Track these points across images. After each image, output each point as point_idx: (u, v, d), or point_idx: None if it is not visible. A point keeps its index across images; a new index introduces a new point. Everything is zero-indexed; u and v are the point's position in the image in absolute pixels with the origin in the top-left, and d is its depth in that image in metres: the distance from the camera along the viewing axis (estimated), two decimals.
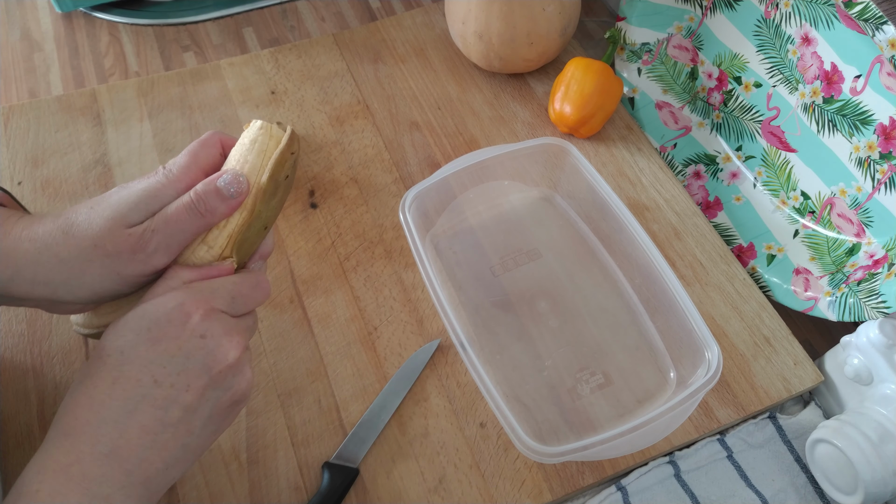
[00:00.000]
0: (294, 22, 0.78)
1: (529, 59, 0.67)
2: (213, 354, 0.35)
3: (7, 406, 0.49)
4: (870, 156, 0.54)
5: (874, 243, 0.54)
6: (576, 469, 0.48)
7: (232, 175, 0.38)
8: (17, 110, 0.65)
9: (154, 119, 0.66)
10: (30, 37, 0.74)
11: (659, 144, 0.67)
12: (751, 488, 0.48)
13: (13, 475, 0.46)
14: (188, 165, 0.39)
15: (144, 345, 0.34)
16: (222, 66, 0.70)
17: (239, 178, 0.38)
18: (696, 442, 0.50)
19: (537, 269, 0.57)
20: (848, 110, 0.54)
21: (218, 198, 0.38)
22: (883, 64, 0.51)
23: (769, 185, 0.62)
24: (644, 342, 0.53)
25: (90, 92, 0.67)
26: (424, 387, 0.51)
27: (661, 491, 0.48)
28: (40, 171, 0.61)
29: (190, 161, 0.39)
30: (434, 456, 0.48)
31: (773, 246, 0.60)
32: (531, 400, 0.50)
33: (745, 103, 0.63)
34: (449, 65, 0.72)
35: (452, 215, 0.59)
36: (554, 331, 0.54)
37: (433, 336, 0.53)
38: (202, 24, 0.76)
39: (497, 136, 0.66)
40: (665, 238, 0.60)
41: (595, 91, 0.62)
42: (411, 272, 0.57)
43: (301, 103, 0.68)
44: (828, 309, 0.54)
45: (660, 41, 0.68)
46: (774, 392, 0.52)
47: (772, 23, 0.59)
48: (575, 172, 0.57)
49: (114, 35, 0.75)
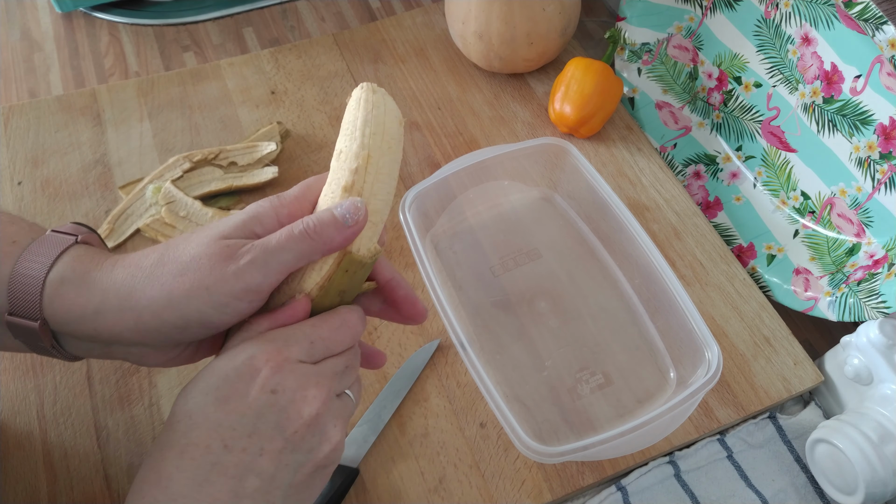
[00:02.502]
0: (294, 22, 0.78)
1: (529, 59, 0.67)
2: (285, 412, 0.31)
3: (7, 406, 0.49)
4: (870, 156, 0.54)
5: (874, 243, 0.54)
6: (576, 469, 0.48)
7: (350, 203, 0.33)
8: (17, 110, 0.65)
9: (154, 119, 0.66)
10: (30, 37, 0.74)
11: (659, 144, 0.67)
12: (751, 488, 0.48)
13: (13, 475, 0.46)
14: (298, 196, 0.35)
15: (212, 405, 0.31)
16: (222, 66, 0.70)
17: (357, 206, 0.33)
18: (696, 442, 0.50)
19: (537, 269, 0.57)
20: (848, 110, 0.54)
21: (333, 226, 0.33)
22: (883, 64, 0.51)
23: (769, 185, 0.62)
24: (644, 342, 0.53)
25: (90, 92, 0.67)
26: (424, 387, 0.51)
27: (661, 491, 0.48)
28: (40, 171, 0.61)
29: (302, 191, 0.36)
30: (434, 456, 0.48)
31: (773, 246, 0.60)
32: (531, 400, 0.50)
33: (745, 103, 0.63)
34: (449, 65, 0.72)
35: (452, 215, 0.59)
36: (554, 331, 0.54)
37: (433, 336, 0.53)
38: (202, 24, 0.76)
39: (497, 136, 0.66)
40: (665, 238, 0.60)
41: (595, 91, 0.62)
42: (411, 272, 0.57)
43: (301, 103, 0.68)
44: (828, 309, 0.54)
45: (660, 41, 0.68)
46: (774, 392, 0.52)
47: (772, 23, 0.59)
48: (575, 172, 0.57)
49: (114, 35, 0.75)
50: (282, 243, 0.32)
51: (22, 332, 0.34)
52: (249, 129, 0.65)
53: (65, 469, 0.47)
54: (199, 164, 0.60)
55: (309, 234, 0.33)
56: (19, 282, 0.33)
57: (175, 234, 0.57)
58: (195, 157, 0.60)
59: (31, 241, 0.35)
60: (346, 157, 0.35)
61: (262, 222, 0.34)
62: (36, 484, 0.46)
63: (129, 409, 0.49)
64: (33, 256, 0.34)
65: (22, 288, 0.33)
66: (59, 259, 0.33)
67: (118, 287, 0.32)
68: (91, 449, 0.48)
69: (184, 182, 0.59)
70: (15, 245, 0.34)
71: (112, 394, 0.50)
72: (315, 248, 0.33)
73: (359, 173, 0.34)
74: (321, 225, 0.33)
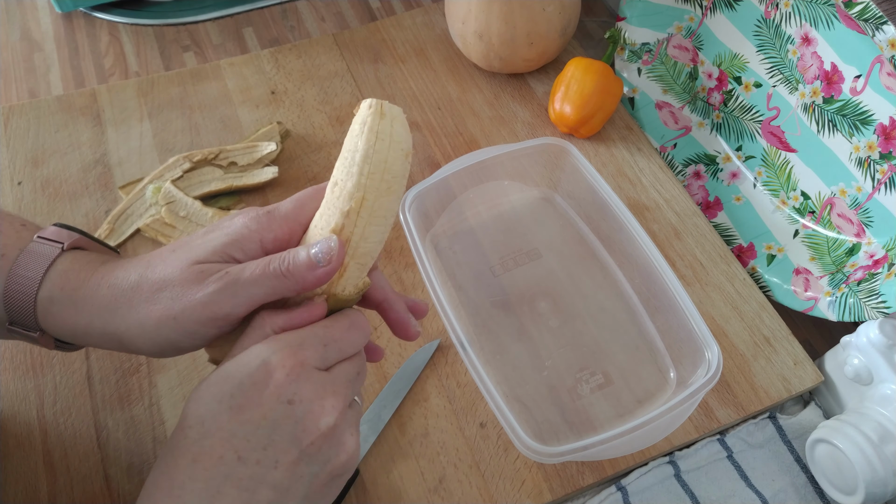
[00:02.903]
0: (294, 22, 0.78)
1: (529, 59, 0.67)
2: (302, 424, 0.30)
3: (7, 406, 0.49)
4: (870, 156, 0.54)
5: (874, 243, 0.54)
6: (576, 469, 0.48)
7: (324, 243, 0.32)
8: (17, 110, 0.65)
9: (154, 119, 0.66)
10: (30, 37, 0.74)
11: (659, 144, 0.67)
12: (751, 488, 0.48)
13: (13, 475, 0.46)
14: (288, 215, 0.34)
15: (226, 414, 0.30)
16: (222, 66, 0.70)
17: (330, 247, 0.32)
18: (696, 442, 0.50)
19: (537, 269, 0.57)
20: (848, 110, 0.54)
21: (306, 266, 0.32)
22: (883, 64, 0.51)
23: (769, 185, 0.62)
24: (644, 342, 0.53)
25: (90, 92, 0.67)
26: (424, 387, 0.51)
27: (661, 491, 0.48)
28: (40, 171, 0.61)
29: (295, 210, 0.35)
30: (434, 456, 0.48)
31: (773, 246, 0.60)
32: (531, 400, 0.50)
33: (745, 103, 0.63)
34: (449, 65, 0.72)
35: (452, 215, 0.59)
36: (554, 331, 0.54)
37: (433, 336, 0.53)
38: (202, 24, 0.76)
39: (497, 136, 0.66)
40: (665, 238, 0.60)
41: (595, 91, 0.62)
42: (411, 272, 0.57)
43: (301, 103, 0.68)
44: (828, 309, 0.54)
45: (660, 41, 0.68)
46: (774, 392, 0.52)
47: (772, 23, 0.59)
48: (575, 172, 0.57)
49: (114, 35, 0.75)
50: (255, 277, 0.32)
51: (24, 337, 0.36)
52: (249, 129, 0.65)
53: (65, 469, 0.47)
54: (199, 164, 0.60)
55: (283, 273, 0.32)
56: (13, 298, 0.34)
57: (175, 234, 0.57)
58: (195, 157, 0.60)
59: (19, 252, 0.35)
60: (340, 195, 0.33)
61: (244, 248, 0.34)
62: (36, 484, 0.46)
63: (129, 409, 0.49)
64: (22, 272, 0.34)
65: (16, 304, 0.34)
66: (47, 274, 0.34)
67: (101, 310, 0.33)
68: (91, 449, 0.48)
69: (184, 182, 0.59)
70: (3, 259, 0.35)
71: (112, 394, 0.50)
72: (287, 286, 0.32)
73: (350, 217, 0.33)
74: (295, 265, 0.32)
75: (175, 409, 0.49)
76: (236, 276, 0.32)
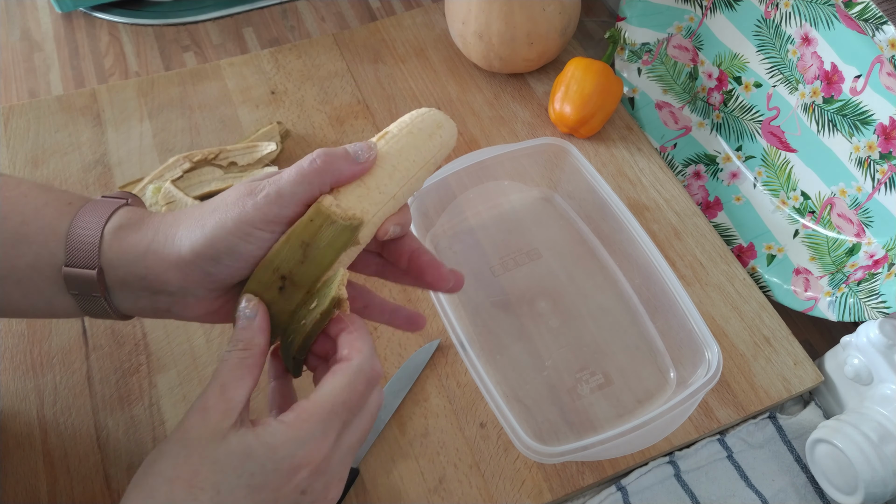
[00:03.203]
0: (294, 22, 0.78)
1: (529, 59, 0.67)
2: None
3: (7, 406, 0.49)
4: (870, 156, 0.54)
5: (874, 243, 0.54)
6: (576, 469, 0.48)
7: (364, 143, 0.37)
8: (17, 110, 0.65)
9: (154, 119, 0.66)
10: (30, 37, 0.74)
11: (659, 144, 0.67)
12: (751, 488, 0.48)
13: (13, 475, 0.46)
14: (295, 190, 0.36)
15: (244, 490, 0.32)
16: (222, 66, 0.70)
17: (370, 146, 0.37)
18: (696, 442, 0.50)
19: (537, 269, 0.57)
20: (848, 110, 0.54)
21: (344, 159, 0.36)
22: (883, 64, 0.51)
23: (769, 185, 0.62)
24: (644, 342, 0.53)
25: (90, 92, 0.67)
26: (424, 387, 0.51)
27: (661, 491, 0.48)
28: (40, 171, 0.61)
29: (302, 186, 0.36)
30: (434, 456, 0.48)
31: (773, 246, 0.60)
32: (531, 400, 0.50)
33: (745, 103, 0.63)
34: (449, 65, 0.72)
35: (452, 215, 0.59)
36: (554, 331, 0.54)
37: (433, 336, 0.53)
38: (202, 24, 0.76)
39: (497, 136, 0.66)
40: (665, 238, 0.60)
41: (595, 91, 0.62)
42: None
43: (301, 103, 0.68)
44: (828, 309, 0.54)
45: (660, 41, 0.68)
46: (774, 392, 0.52)
47: (772, 23, 0.59)
48: (575, 172, 0.57)
49: (114, 35, 0.75)
50: (292, 177, 0.35)
51: (77, 284, 0.36)
52: (249, 129, 0.65)
53: (65, 469, 0.47)
54: (199, 164, 0.60)
55: (318, 166, 0.35)
56: (78, 233, 0.36)
57: None
58: (195, 157, 0.60)
59: (84, 202, 0.38)
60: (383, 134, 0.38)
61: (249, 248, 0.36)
62: (36, 484, 0.46)
63: (129, 409, 0.49)
64: (91, 212, 0.37)
65: (81, 238, 0.36)
66: (114, 213, 0.37)
67: (167, 226, 0.36)
68: (91, 449, 0.48)
69: (184, 182, 0.59)
70: (70, 206, 0.37)
71: (112, 394, 0.50)
72: (325, 178, 0.36)
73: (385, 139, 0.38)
74: (333, 156, 0.36)
75: (175, 409, 0.49)
76: (278, 180, 0.35)
